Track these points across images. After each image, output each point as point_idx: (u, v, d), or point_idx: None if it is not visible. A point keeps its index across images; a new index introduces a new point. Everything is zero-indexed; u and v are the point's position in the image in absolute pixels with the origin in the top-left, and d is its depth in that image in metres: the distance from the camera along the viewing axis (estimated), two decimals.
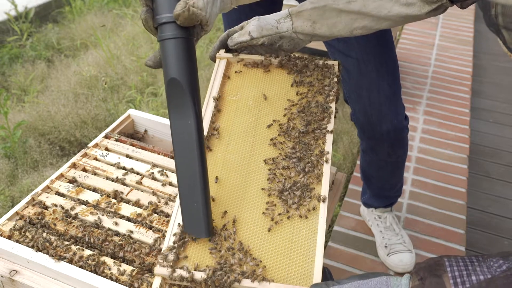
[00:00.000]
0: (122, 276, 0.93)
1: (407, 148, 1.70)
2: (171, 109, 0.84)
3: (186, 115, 0.83)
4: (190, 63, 0.85)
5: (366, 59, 1.42)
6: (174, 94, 0.84)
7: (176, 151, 0.84)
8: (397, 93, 1.51)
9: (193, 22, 0.84)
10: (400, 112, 1.54)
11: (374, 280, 0.73)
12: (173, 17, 0.83)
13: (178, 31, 0.84)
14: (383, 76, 1.45)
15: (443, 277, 0.68)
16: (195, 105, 0.84)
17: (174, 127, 0.84)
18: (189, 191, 0.82)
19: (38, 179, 2.30)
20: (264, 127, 1.02)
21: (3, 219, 1.05)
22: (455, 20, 4.02)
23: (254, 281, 0.79)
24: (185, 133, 0.83)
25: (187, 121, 0.83)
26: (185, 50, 0.85)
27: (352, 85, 1.48)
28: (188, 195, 0.83)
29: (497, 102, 3.09)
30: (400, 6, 0.95)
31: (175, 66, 0.83)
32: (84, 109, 2.74)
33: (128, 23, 3.75)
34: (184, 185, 0.83)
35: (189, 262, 0.82)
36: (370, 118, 1.52)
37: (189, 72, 0.84)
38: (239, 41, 1.09)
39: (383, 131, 1.54)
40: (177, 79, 0.83)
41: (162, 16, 0.85)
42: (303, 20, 1.03)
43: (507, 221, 2.21)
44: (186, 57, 0.84)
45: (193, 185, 0.82)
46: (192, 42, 0.87)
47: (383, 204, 1.95)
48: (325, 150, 0.97)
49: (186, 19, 0.82)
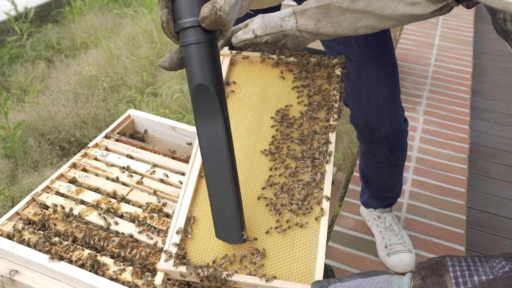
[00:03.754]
0: (122, 276, 0.93)
1: (406, 151, 1.69)
2: (198, 116, 0.82)
3: (214, 121, 0.81)
4: (216, 68, 0.82)
5: (366, 61, 1.42)
6: (201, 100, 0.81)
7: (205, 158, 0.82)
8: (396, 96, 1.50)
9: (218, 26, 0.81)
10: (399, 115, 1.54)
11: (376, 278, 0.73)
12: (197, 21, 0.80)
13: (203, 35, 0.81)
14: (383, 79, 1.44)
15: (445, 277, 0.68)
16: (223, 111, 0.82)
17: (202, 134, 0.82)
18: (221, 199, 0.82)
19: (38, 179, 2.30)
20: (268, 124, 1.02)
21: (3, 219, 1.05)
22: (455, 20, 4.02)
23: (257, 278, 0.80)
24: (214, 139, 0.81)
25: (216, 127, 0.81)
26: (210, 54, 0.82)
27: (351, 87, 1.48)
28: (220, 202, 0.82)
29: (497, 102, 3.09)
30: (405, 5, 0.95)
31: (202, 71, 0.80)
32: (84, 109, 2.74)
33: (128, 23, 3.75)
34: (215, 192, 0.82)
35: (191, 258, 0.83)
36: (369, 121, 1.52)
37: (216, 77, 0.82)
38: (243, 38, 1.09)
39: (382, 135, 1.53)
40: (204, 84, 0.80)
41: (185, 20, 0.80)
42: (307, 19, 1.03)
43: (507, 221, 2.21)
44: (211, 62, 0.81)
45: (225, 192, 0.81)
46: (216, 46, 0.84)
47: (382, 204, 1.95)
48: (329, 150, 0.97)
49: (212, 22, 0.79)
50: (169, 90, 2.89)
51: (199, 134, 0.82)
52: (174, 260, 0.82)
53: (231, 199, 0.81)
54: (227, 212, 0.82)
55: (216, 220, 0.83)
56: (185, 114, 2.73)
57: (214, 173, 0.82)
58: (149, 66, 3.19)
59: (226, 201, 0.81)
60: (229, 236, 0.83)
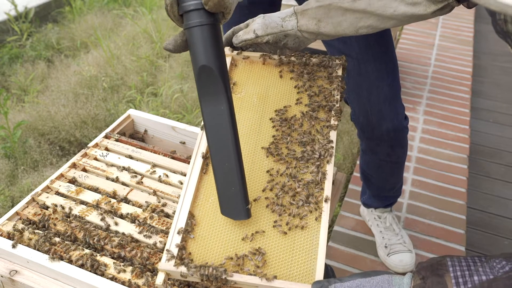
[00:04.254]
0: (122, 276, 0.93)
1: (406, 149, 1.69)
2: (203, 97, 0.85)
3: (218, 101, 0.84)
4: (219, 49, 0.85)
5: (366, 59, 1.42)
6: (205, 81, 0.84)
7: (209, 137, 0.86)
8: (397, 94, 1.51)
9: (220, 9, 0.84)
10: (400, 112, 1.54)
11: (376, 278, 0.73)
12: (201, 4, 0.83)
13: (206, 17, 0.84)
14: (383, 77, 1.45)
15: (445, 277, 0.68)
16: (227, 91, 0.85)
17: (207, 114, 0.85)
18: (226, 176, 0.85)
19: (38, 179, 2.30)
20: (268, 124, 1.02)
21: (3, 219, 1.05)
22: (455, 20, 4.02)
23: (257, 278, 0.80)
24: (218, 119, 0.85)
25: (220, 107, 0.84)
26: (214, 36, 0.84)
27: (352, 85, 1.48)
28: (225, 180, 0.85)
29: (497, 102, 3.09)
30: (406, 6, 0.95)
31: (205, 53, 0.83)
32: (84, 109, 2.74)
33: (128, 23, 3.75)
34: (220, 171, 0.85)
35: (192, 258, 0.83)
36: (370, 118, 1.52)
37: (219, 58, 0.84)
38: (244, 39, 1.09)
39: (383, 132, 1.54)
40: (208, 66, 0.83)
41: (189, 3, 0.84)
42: (308, 19, 1.03)
43: (507, 221, 2.21)
44: (214, 44, 0.84)
45: (230, 170, 0.85)
46: (219, 28, 0.87)
47: (382, 204, 1.95)
48: (329, 150, 0.97)
49: (215, 5, 0.82)
50: (169, 90, 2.89)
51: (204, 114, 0.86)
52: (175, 260, 0.82)
53: (235, 176, 0.84)
54: (232, 189, 0.85)
55: (221, 197, 0.86)
56: (185, 114, 2.73)
57: (219, 152, 0.85)
58: (149, 66, 3.19)
59: (231, 178, 0.85)
60: (234, 213, 0.86)
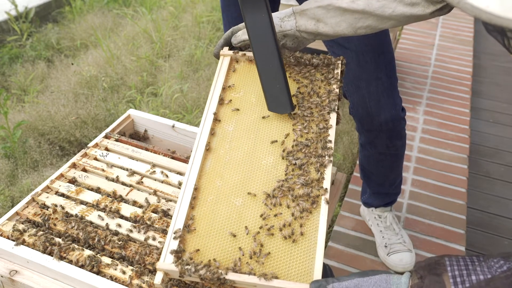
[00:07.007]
0: (122, 276, 0.93)
1: (405, 141, 1.71)
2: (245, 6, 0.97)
3: (259, 10, 0.96)
4: None
5: (365, 50, 1.44)
6: None
7: (253, 43, 0.98)
8: (394, 84, 1.54)
9: None
10: (397, 103, 1.57)
11: (374, 277, 0.73)
12: None
13: None
14: (381, 67, 1.47)
15: (443, 276, 0.68)
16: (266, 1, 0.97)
17: (250, 22, 0.97)
18: (271, 76, 0.97)
19: (38, 179, 2.30)
20: (267, 124, 1.02)
21: (3, 219, 1.05)
22: (455, 20, 4.02)
23: (256, 277, 0.80)
24: (260, 26, 0.97)
25: (261, 14, 0.97)
26: None
27: (351, 77, 1.50)
28: (270, 79, 0.97)
29: (497, 102, 3.09)
30: (404, 6, 0.95)
31: None
32: (84, 109, 2.74)
33: (128, 23, 3.75)
34: (265, 72, 0.97)
35: (191, 257, 0.83)
36: (369, 109, 1.54)
37: None
38: (243, 39, 1.09)
39: (382, 122, 1.55)
40: None
41: None
42: (307, 19, 1.03)
43: (507, 221, 2.21)
44: None
45: (274, 71, 0.96)
46: None
47: (383, 202, 1.95)
48: (329, 150, 0.97)
49: None
50: (169, 90, 2.89)
51: (247, 23, 0.98)
52: (174, 259, 0.82)
53: (280, 75, 0.97)
54: (277, 87, 0.96)
55: (267, 95, 0.99)
56: (185, 114, 2.73)
57: (263, 55, 0.98)
58: (149, 66, 3.20)
59: (276, 77, 0.97)
60: (280, 107, 0.98)
